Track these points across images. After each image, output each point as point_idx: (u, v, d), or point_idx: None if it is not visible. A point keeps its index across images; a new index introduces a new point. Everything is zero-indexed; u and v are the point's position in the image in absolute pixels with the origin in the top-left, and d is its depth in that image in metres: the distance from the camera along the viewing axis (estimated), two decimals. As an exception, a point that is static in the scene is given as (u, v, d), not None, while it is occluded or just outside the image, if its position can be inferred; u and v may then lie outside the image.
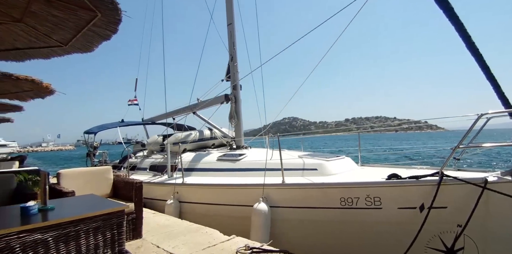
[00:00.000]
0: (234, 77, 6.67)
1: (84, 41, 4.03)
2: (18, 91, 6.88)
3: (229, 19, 6.73)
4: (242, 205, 4.32)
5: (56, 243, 1.67)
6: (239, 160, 5.24)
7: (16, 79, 5.38)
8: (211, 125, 7.34)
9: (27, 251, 1.57)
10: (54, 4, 3.34)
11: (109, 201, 2.31)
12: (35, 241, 1.60)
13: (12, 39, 4.08)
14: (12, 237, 1.53)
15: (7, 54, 4.36)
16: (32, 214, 1.82)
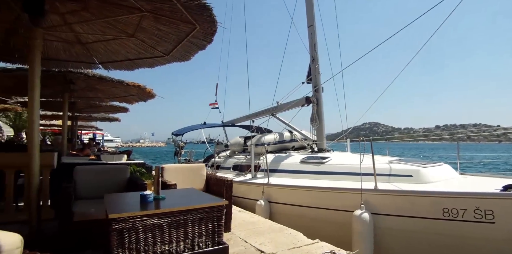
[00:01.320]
0: (316, 79, 6.62)
1: (183, 51, 4.48)
2: (126, 95, 8.06)
3: (310, 21, 6.72)
4: (334, 209, 4.26)
5: (169, 228, 1.94)
6: (324, 162, 5.19)
7: (126, 85, 6.31)
8: (291, 128, 7.43)
9: (147, 232, 1.87)
10: (160, 20, 3.81)
11: (209, 196, 2.56)
12: (153, 224, 1.89)
13: (125, 51, 4.78)
14: (137, 219, 1.83)
15: (121, 64, 5.12)
16: (149, 201, 2.14)
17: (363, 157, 4.02)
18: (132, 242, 1.81)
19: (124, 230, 1.79)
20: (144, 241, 1.85)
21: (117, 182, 3.40)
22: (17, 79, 6.04)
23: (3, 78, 5.80)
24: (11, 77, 5.79)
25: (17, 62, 4.51)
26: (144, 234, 1.85)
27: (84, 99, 8.54)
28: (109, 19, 3.70)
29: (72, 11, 3.76)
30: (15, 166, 3.70)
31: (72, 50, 4.56)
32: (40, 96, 7.72)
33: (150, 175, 4.65)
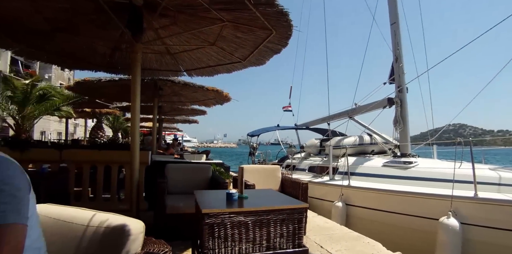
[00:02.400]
0: (400, 79, 6.19)
1: (258, 56, 4.65)
2: (205, 99, 8.67)
3: (393, 18, 6.33)
4: (419, 216, 3.99)
5: (253, 226, 2.06)
6: (410, 167, 4.87)
7: (206, 90, 6.80)
8: (371, 131, 7.10)
9: (234, 229, 2.01)
10: (239, 28, 4.01)
11: (289, 198, 2.62)
12: (239, 221, 2.02)
13: (206, 59, 5.16)
14: (226, 215, 1.99)
15: (203, 71, 5.53)
16: (234, 200, 2.30)
17: (462, 164, 3.62)
18: (221, 236, 1.97)
19: (215, 225, 1.96)
20: (231, 237, 2.00)
21: (201, 180, 3.71)
22: (119, 87, 7.02)
23: (108, 87, 6.81)
24: (114, 86, 6.75)
25: (120, 73, 5.24)
26: (231, 230, 2.00)
27: (169, 103, 9.46)
28: (194, 31, 4.04)
29: (164, 26, 4.22)
30: (118, 162, 4.31)
31: (162, 60, 5.10)
32: (134, 101, 8.71)
33: (228, 174, 4.93)
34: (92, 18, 3.85)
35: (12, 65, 22.63)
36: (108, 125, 18.40)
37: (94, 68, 4.87)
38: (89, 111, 14.03)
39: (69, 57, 4.50)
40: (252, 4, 3.00)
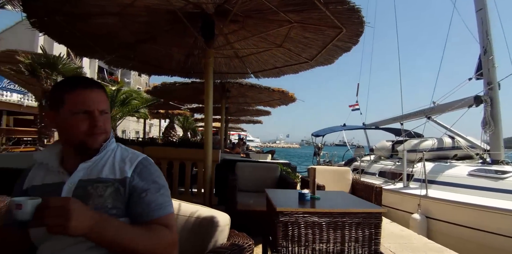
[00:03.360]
0: (490, 74, 5.43)
1: (327, 55, 4.55)
2: (270, 100, 8.81)
3: (479, 3, 5.59)
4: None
5: (327, 228, 2.04)
6: (504, 178, 4.22)
7: (272, 91, 6.90)
8: (453, 133, 6.34)
9: (308, 229, 2.02)
10: (307, 28, 3.99)
11: (364, 201, 2.53)
12: (313, 222, 2.02)
13: (273, 61, 5.23)
14: (300, 215, 2.01)
15: (269, 72, 5.62)
16: (306, 200, 2.31)
17: None
18: (295, 235, 2.00)
19: (289, 223, 1.99)
20: (304, 236, 2.01)
21: (269, 179, 3.78)
22: (190, 90, 7.54)
23: (181, 89, 7.36)
24: (186, 89, 7.28)
25: (192, 77, 5.62)
26: (305, 230, 2.01)
27: (236, 104, 9.83)
28: (262, 34, 4.14)
29: (233, 31, 4.40)
30: (192, 159, 4.63)
31: (231, 64, 5.33)
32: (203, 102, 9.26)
33: (295, 174, 4.94)
34: (169, 28, 4.20)
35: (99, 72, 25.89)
36: (179, 125, 19.86)
37: (170, 73, 5.31)
38: (163, 113, 15.36)
39: (149, 64, 4.99)
40: (322, 4, 2.96)
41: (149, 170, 1.08)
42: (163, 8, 3.57)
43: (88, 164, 1.06)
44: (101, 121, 1.06)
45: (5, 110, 15.38)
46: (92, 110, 1.03)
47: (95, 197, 0.99)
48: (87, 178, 1.04)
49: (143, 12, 3.59)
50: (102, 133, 1.08)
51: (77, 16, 3.37)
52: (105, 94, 1.10)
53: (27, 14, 3.17)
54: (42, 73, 7.97)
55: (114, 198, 1.00)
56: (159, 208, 1.01)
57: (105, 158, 1.09)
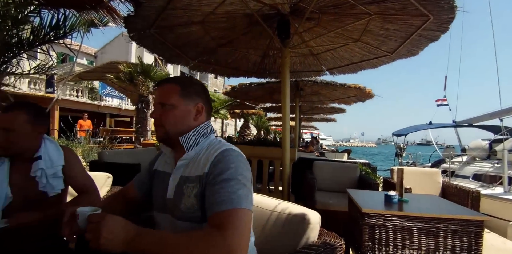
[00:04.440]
0: None
1: (410, 46, 4.20)
2: (345, 97, 8.48)
3: None
4: None
5: (419, 233, 1.90)
6: None
7: (348, 87, 6.64)
8: None
9: (396, 233, 1.91)
10: (388, 19, 3.73)
11: (461, 207, 2.28)
12: (402, 226, 1.91)
13: (350, 56, 5.03)
14: (387, 218, 1.91)
15: (346, 68, 5.42)
16: (393, 202, 2.18)
17: None
18: (382, 239, 1.91)
19: (375, 226, 1.91)
20: (393, 241, 1.90)
21: (348, 179, 3.67)
22: (264, 90, 7.74)
23: (256, 90, 7.60)
24: (260, 89, 7.49)
25: (267, 77, 5.76)
26: (393, 234, 1.90)
27: (309, 102, 9.73)
28: (338, 29, 4.02)
29: (308, 29, 4.37)
30: (269, 157, 4.75)
31: (306, 62, 5.30)
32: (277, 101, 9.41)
33: (375, 175, 4.68)
34: (246, 31, 4.38)
35: (182, 77, 28.31)
36: (253, 124, 20.53)
37: (247, 74, 5.53)
38: (238, 112, 16.07)
39: (228, 67, 5.28)
40: (407, -9, 2.75)
41: (226, 161, 0.97)
42: (241, 13, 3.75)
43: (183, 162, 1.06)
44: (155, 113, 1.08)
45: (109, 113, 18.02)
46: (154, 104, 1.13)
47: (186, 197, 1.00)
48: (186, 175, 1.04)
49: (223, 18, 3.82)
50: (158, 125, 1.08)
51: (166, 28, 3.76)
52: (172, 87, 1.08)
53: (127, 30, 3.67)
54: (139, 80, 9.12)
55: (199, 200, 0.97)
56: (220, 201, 0.89)
57: (199, 155, 1.06)
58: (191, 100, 1.09)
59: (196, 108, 1.10)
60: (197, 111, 1.10)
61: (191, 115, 1.09)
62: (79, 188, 1.53)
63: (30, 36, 4.24)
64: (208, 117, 1.16)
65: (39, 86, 12.91)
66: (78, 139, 8.58)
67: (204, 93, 1.15)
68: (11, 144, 1.31)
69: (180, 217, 1.00)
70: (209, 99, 1.17)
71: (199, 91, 1.13)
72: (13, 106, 1.33)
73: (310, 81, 6.50)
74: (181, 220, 1.00)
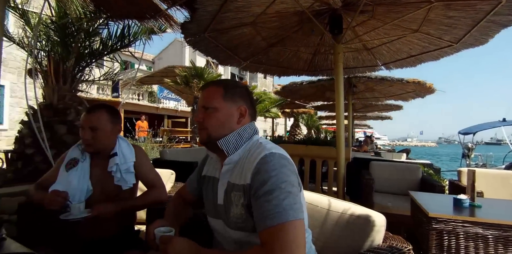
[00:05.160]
0: None
1: (478, 35, 3.81)
2: (402, 93, 7.96)
3: None
4: None
5: (495, 243, 1.70)
6: None
7: (405, 82, 6.22)
8: None
9: (468, 240, 1.74)
10: (451, 6, 3.42)
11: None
12: (475, 233, 1.73)
13: (408, 48, 4.70)
14: (458, 223, 1.75)
15: (403, 62, 5.08)
16: (464, 207, 1.99)
17: None
18: (452, 247, 1.75)
19: (444, 232, 1.76)
20: (464, 250, 1.73)
21: (409, 181, 3.44)
22: (314, 88, 7.60)
23: (307, 88, 7.50)
24: (311, 87, 7.37)
25: (319, 75, 5.64)
26: (465, 242, 1.73)
27: (362, 100, 9.31)
28: (395, 21, 3.78)
29: (361, 23, 4.19)
30: (322, 157, 4.66)
31: (359, 57, 5.09)
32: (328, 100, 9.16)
33: (439, 177, 4.32)
34: (297, 29, 4.34)
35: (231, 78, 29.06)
36: (303, 123, 20.29)
37: (298, 73, 5.48)
38: (289, 112, 15.99)
39: (279, 66, 5.28)
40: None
41: (266, 170, 0.91)
42: (291, 11, 3.73)
43: (228, 167, 1.04)
44: (199, 116, 1.07)
45: (166, 114, 19.23)
46: (198, 107, 1.11)
47: (234, 206, 0.98)
48: (232, 181, 1.01)
49: (274, 17, 3.84)
50: (201, 128, 1.07)
51: (219, 31, 3.89)
52: (216, 90, 1.07)
53: (184, 35, 3.87)
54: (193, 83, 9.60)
55: (246, 210, 0.95)
56: (265, 217, 0.84)
57: (242, 160, 1.02)
58: (234, 103, 1.07)
59: (239, 111, 1.07)
60: (240, 114, 1.07)
61: (234, 118, 1.06)
62: (148, 183, 1.65)
63: (100, 47, 4.71)
64: (252, 120, 1.13)
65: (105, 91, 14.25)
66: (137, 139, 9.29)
67: (247, 96, 1.12)
68: (97, 141, 1.48)
69: (232, 226, 1.00)
70: (253, 102, 1.15)
71: (242, 94, 1.10)
72: (96, 107, 1.49)
73: (364, 78, 6.23)
74: (233, 229, 1.00)
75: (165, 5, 3.52)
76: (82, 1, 4.00)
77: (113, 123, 1.53)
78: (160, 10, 3.66)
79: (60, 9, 4.25)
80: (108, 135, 1.52)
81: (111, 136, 1.54)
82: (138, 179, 1.65)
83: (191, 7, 3.22)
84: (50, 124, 3.94)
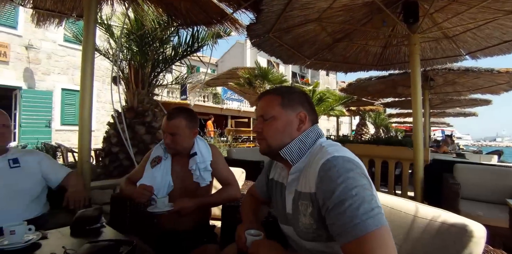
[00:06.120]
0: None
1: None
2: (491, 85, 6.96)
3: None
4: None
5: None
6: None
7: (496, 73, 5.43)
8: None
9: None
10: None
11: None
12: None
13: (500, 33, 4.09)
14: None
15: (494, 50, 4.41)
16: None
17: None
18: None
19: None
20: None
21: (505, 187, 2.97)
22: (385, 84, 7.10)
23: (376, 84, 7.04)
24: (381, 83, 6.90)
25: (390, 69, 5.24)
26: None
27: (440, 95, 8.41)
28: (484, 2, 3.30)
29: (440, 9, 3.77)
30: (396, 157, 4.30)
31: (438, 47, 4.59)
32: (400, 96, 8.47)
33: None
34: (365, 22, 4.09)
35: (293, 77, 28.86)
36: (370, 121, 19.18)
37: (366, 68, 5.18)
38: (354, 110, 15.24)
39: (345, 62, 5.05)
40: None
41: (330, 178, 0.83)
42: (359, 3, 3.52)
43: (294, 176, 1.00)
44: (257, 126, 1.05)
45: (230, 115, 19.99)
46: (256, 117, 1.09)
47: (302, 216, 0.94)
48: (299, 189, 0.97)
49: (340, 11, 3.67)
50: (260, 138, 1.05)
51: (284, 30, 3.86)
52: (273, 99, 1.04)
53: (249, 36, 3.94)
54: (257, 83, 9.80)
55: (315, 220, 0.90)
56: (342, 232, 0.77)
57: (306, 167, 0.97)
58: (293, 110, 1.03)
59: (299, 117, 1.03)
60: (300, 121, 1.03)
61: (293, 125, 1.02)
62: (223, 181, 1.72)
63: (172, 53, 5.08)
64: (313, 124, 1.07)
65: (174, 95, 15.35)
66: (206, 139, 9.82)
67: (306, 101, 1.07)
68: (176, 145, 1.59)
69: (303, 236, 0.97)
70: (312, 106, 1.09)
71: (301, 100, 1.06)
72: (174, 114, 1.60)
73: (443, 70, 5.61)
74: (305, 240, 0.97)
75: (230, 9, 3.63)
76: (156, 12, 4.35)
77: (190, 128, 1.62)
78: (226, 15, 3.79)
79: (137, 21, 4.69)
80: (186, 138, 1.62)
81: (189, 139, 1.64)
82: (214, 177, 1.72)
83: (256, 9, 3.26)
84: (131, 126, 4.37)
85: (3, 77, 9.17)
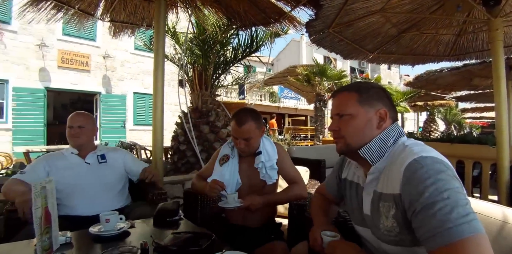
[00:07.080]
0: None
1: None
2: None
3: None
4: None
5: None
6: None
7: None
8: None
9: None
10: None
11: None
12: None
13: None
14: None
15: None
16: None
17: None
18: None
19: None
20: None
21: None
22: (459, 75, 6.42)
23: (448, 76, 6.41)
24: (454, 75, 6.26)
25: (464, 59, 4.73)
26: None
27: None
28: None
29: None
30: (473, 157, 3.88)
31: (525, 31, 4.01)
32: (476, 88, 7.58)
33: None
34: (435, 9, 3.76)
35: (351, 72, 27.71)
36: (439, 117, 17.52)
37: (436, 59, 4.75)
38: (421, 105, 14.06)
39: (412, 54, 4.69)
40: None
41: (418, 180, 0.78)
42: (429, -12, 3.25)
43: (374, 176, 0.96)
44: (333, 125, 1.02)
45: (287, 113, 19.98)
46: (331, 116, 1.05)
47: (383, 218, 0.90)
48: (379, 190, 0.93)
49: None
50: (337, 137, 1.01)
51: (344, 24, 3.74)
52: (349, 95, 1.00)
53: (308, 33, 3.89)
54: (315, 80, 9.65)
55: (400, 222, 0.85)
56: (433, 235, 0.71)
57: (387, 167, 0.93)
58: (372, 107, 0.97)
59: (379, 114, 0.97)
60: (380, 118, 0.97)
61: (373, 123, 0.97)
62: (290, 179, 1.74)
63: (232, 55, 5.26)
64: (393, 122, 1.01)
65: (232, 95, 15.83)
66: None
67: (385, 96, 1.01)
68: (250, 148, 1.65)
69: (384, 239, 0.92)
70: (392, 103, 1.03)
71: (380, 96, 1.00)
72: (243, 119, 1.61)
73: (532, 57, 4.87)
74: (387, 244, 0.91)
75: (289, 7, 3.62)
76: (216, 16, 4.54)
77: (259, 128, 1.66)
78: (284, 13, 3.80)
79: (199, 26, 4.95)
80: (258, 139, 1.68)
81: (259, 139, 1.70)
82: (280, 175, 1.75)
83: (315, 5, 3.21)
84: (197, 125, 4.65)
85: (86, 84, 10.51)
